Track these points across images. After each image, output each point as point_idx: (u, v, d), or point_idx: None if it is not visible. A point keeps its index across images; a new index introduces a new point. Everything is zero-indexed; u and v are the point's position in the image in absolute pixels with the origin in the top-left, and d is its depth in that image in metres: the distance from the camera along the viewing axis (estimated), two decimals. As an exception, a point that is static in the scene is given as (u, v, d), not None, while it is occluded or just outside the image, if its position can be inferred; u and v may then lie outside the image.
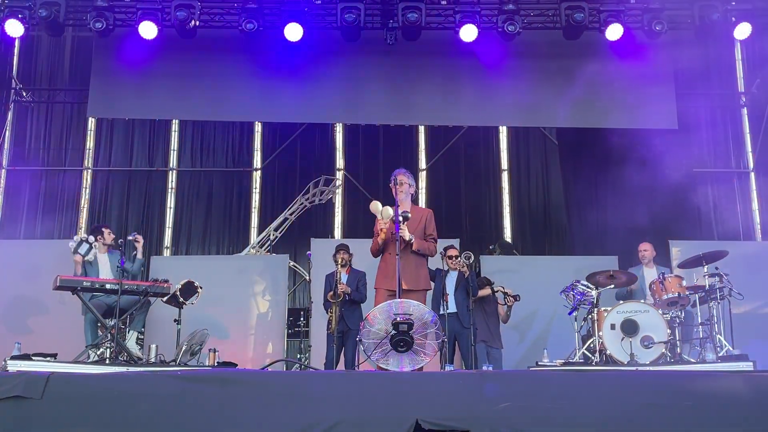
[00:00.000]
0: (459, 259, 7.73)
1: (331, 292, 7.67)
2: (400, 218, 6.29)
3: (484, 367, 7.34)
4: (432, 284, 7.32)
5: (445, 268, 7.75)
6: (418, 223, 6.62)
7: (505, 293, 8.54)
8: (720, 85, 12.85)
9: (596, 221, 12.01)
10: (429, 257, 6.85)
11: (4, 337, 8.78)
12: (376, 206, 6.48)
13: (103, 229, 8.10)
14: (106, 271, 7.85)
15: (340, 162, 13.65)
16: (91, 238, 7.71)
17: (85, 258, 7.61)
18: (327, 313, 7.91)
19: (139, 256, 8.05)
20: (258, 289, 9.78)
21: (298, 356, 10.07)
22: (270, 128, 13.46)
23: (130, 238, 7.97)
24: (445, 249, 7.84)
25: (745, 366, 6.70)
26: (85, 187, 13.21)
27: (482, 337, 8.26)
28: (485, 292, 8.62)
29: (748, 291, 7.98)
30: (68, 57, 13.10)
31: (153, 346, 7.55)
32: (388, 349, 5.46)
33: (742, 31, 9.69)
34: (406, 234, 6.37)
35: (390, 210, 6.35)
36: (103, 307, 7.60)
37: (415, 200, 7.03)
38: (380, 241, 6.54)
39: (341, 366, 7.75)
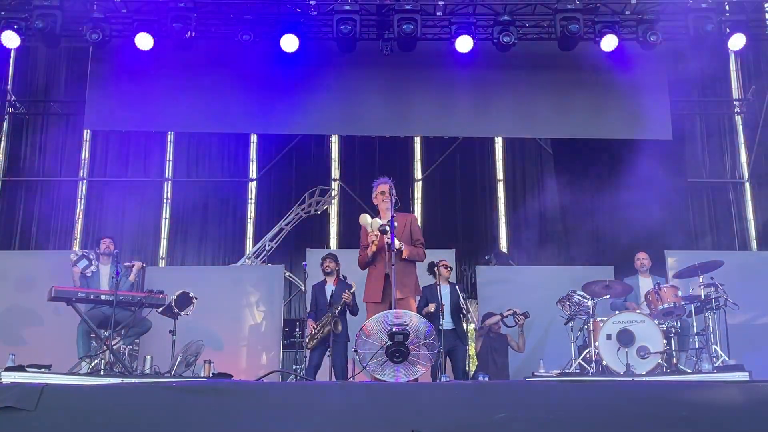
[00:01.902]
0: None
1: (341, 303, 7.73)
2: (387, 228, 6.19)
3: (480, 378, 7.33)
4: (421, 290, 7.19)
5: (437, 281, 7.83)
6: (402, 229, 6.49)
7: (514, 313, 8.56)
8: (715, 96, 12.91)
9: (592, 231, 12.03)
10: (418, 263, 6.70)
11: (-2, 348, 8.76)
12: (365, 219, 6.43)
13: (101, 240, 8.09)
14: (106, 282, 7.81)
15: (335, 172, 13.65)
16: (92, 255, 7.70)
17: (83, 272, 7.59)
18: (311, 325, 7.93)
19: (131, 278, 7.98)
20: (253, 299, 9.78)
21: (294, 367, 10.04)
22: (265, 139, 13.46)
23: (126, 264, 7.95)
24: (437, 262, 7.88)
25: (741, 376, 6.71)
26: (81, 198, 13.18)
27: (487, 372, 8.24)
28: (493, 320, 8.64)
29: (743, 301, 7.99)
30: (64, 68, 13.10)
31: (148, 358, 7.53)
32: (383, 359, 5.44)
33: (737, 41, 9.73)
34: (398, 243, 6.32)
35: (379, 221, 6.30)
36: (100, 317, 7.58)
37: (406, 209, 7.00)
38: (370, 253, 6.41)
39: (324, 375, 7.77)
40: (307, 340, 8.07)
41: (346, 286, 8.03)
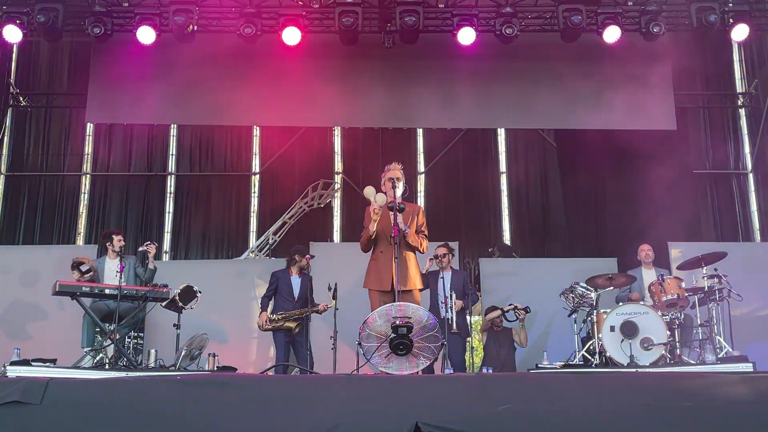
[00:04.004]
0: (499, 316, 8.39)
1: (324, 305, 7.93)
2: (391, 206, 6.06)
3: (484, 370, 7.35)
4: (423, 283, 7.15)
5: (436, 267, 7.85)
6: (408, 217, 6.36)
7: (515, 308, 8.57)
8: (718, 86, 12.88)
9: (595, 223, 12.02)
10: (420, 253, 6.60)
11: (3, 342, 8.81)
12: (371, 190, 6.20)
13: (113, 236, 8.08)
14: (111, 276, 7.79)
15: (338, 165, 13.66)
16: (94, 264, 7.71)
17: (82, 277, 7.52)
18: (265, 316, 8.11)
19: (150, 266, 7.97)
20: (257, 293, 9.77)
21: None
22: (268, 132, 13.46)
23: (141, 248, 7.94)
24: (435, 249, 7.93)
25: (745, 367, 6.71)
26: (84, 192, 13.22)
27: (491, 365, 8.28)
28: (494, 315, 8.65)
29: (747, 292, 7.98)
30: (66, 62, 13.11)
31: (152, 351, 7.54)
32: (387, 352, 5.45)
33: (740, 32, 9.69)
34: (401, 223, 6.15)
35: (383, 196, 6.17)
36: (104, 311, 7.58)
37: (409, 198, 6.92)
38: (372, 228, 6.22)
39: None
40: (259, 324, 8.20)
41: (308, 279, 8.25)
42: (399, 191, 6.35)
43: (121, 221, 12.92)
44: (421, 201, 13.22)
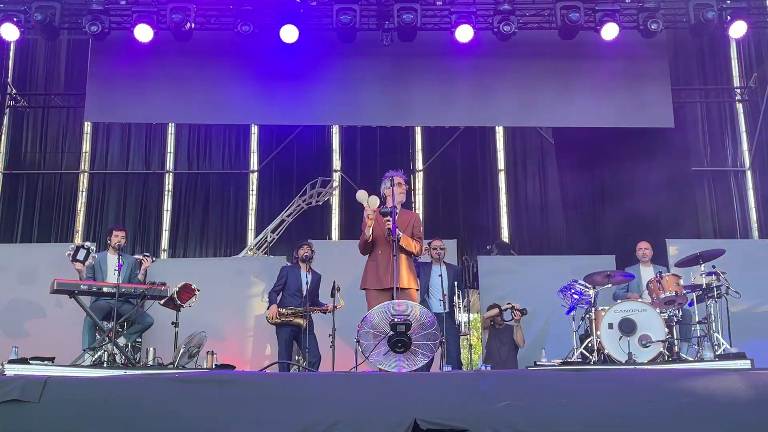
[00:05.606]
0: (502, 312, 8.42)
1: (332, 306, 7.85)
2: (388, 211, 6.12)
3: (482, 368, 7.35)
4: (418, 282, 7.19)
5: (429, 260, 7.87)
6: (406, 225, 6.41)
7: (512, 308, 8.59)
8: (716, 84, 12.88)
9: (593, 221, 12.02)
10: (415, 256, 6.63)
11: (1, 340, 8.81)
12: (363, 194, 6.21)
13: (113, 231, 8.07)
14: (111, 272, 7.77)
15: (336, 163, 13.65)
16: (88, 243, 7.67)
17: (86, 264, 7.54)
18: (276, 310, 8.09)
19: (140, 277, 7.97)
20: (255, 291, 9.77)
21: (296, 358, 10.06)
22: (266, 130, 13.46)
23: (138, 256, 7.94)
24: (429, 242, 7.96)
25: (743, 364, 6.71)
26: (82, 191, 13.21)
27: (492, 363, 8.29)
28: (492, 312, 8.66)
29: (745, 289, 7.98)
30: (64, 61, 13.09)
31: (151, 349, 7.54)
32: (386, 350, 5.45)
33: (737, 29, 9.70)
34: (398, 229, 6.14)
35: (376, 199, 6.21)
36: (106, 309, 7.57)
37: (408, 199, 6.95)
38: (368, 231, 6.23)
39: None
40: (269, 317, 8.18)
41: (317, 276, 8.30)
42: (399, 192, 6.41)
43: (120, 219, 12.91)
44: (419, 198, 13.22)
